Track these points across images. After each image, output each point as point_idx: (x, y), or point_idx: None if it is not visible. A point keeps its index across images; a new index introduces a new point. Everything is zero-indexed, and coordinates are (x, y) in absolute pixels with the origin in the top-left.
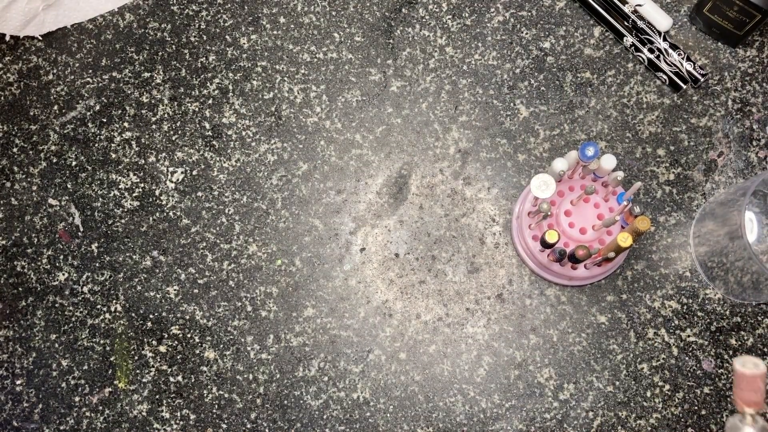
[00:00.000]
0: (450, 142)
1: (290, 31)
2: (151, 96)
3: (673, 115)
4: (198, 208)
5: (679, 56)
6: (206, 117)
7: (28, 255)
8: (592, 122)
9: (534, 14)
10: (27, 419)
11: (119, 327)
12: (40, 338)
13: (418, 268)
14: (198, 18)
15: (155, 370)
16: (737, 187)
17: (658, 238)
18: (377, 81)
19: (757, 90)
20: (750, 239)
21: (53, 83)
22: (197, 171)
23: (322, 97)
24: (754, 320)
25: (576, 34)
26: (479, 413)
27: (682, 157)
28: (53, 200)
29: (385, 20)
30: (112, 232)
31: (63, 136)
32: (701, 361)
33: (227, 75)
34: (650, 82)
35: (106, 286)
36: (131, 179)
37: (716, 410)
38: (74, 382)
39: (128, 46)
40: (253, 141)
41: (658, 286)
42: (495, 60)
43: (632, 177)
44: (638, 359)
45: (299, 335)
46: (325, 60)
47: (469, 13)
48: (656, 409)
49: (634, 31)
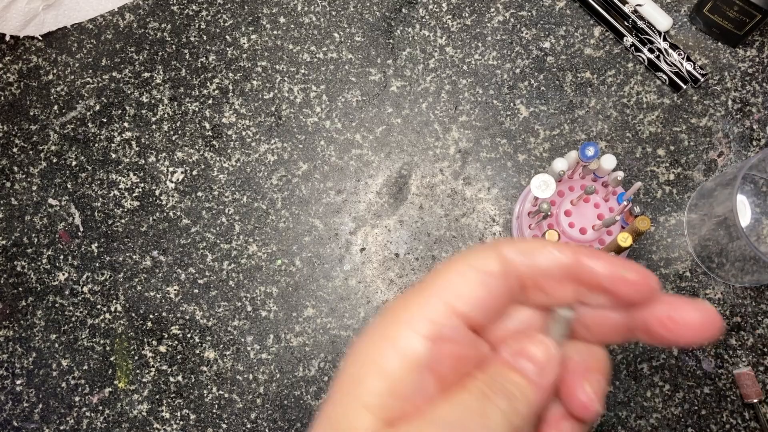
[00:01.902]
0: (450, 142)
1: (290, 31)
2: (151, 96)
3: (673, 115)
4: (198, 208)
5: (679, 56)
6: (206, 117)
7: (28, 255)
8: (592, 122)
9: (534, 14)
10: (27, 419)
11: (119, 327)
12: (40, 338)
13: (419, 268)
14: (198, 18)
15: (155, 370)
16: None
17: (658, 238)
18: (377, 81)
19: (757, 90)
20: (743, 223)
21: (53, 83)
22: (197, 171)
23: (322, 97)
24: (754, 320)
25: (576, 34)
26: None
27: (682, 157)
28: (53, 200)
29: (385, 20)
30: (112, 232)
31: (63, 136)
32: (701, 361)
33: (227, 75)
34: (650, 82)
35: (106, 286)
36: (131, 179)
37: (716, 410)
38: (74, 382)
39: (128, 46)
40: (253, 141)
41: None
42: (495, 60)
43: (632, 177)
44: (638, 359)
45: (299, 335)
46: (325, 60)
47: (469, 13)
48: (656, 409)
49: (634, 31)
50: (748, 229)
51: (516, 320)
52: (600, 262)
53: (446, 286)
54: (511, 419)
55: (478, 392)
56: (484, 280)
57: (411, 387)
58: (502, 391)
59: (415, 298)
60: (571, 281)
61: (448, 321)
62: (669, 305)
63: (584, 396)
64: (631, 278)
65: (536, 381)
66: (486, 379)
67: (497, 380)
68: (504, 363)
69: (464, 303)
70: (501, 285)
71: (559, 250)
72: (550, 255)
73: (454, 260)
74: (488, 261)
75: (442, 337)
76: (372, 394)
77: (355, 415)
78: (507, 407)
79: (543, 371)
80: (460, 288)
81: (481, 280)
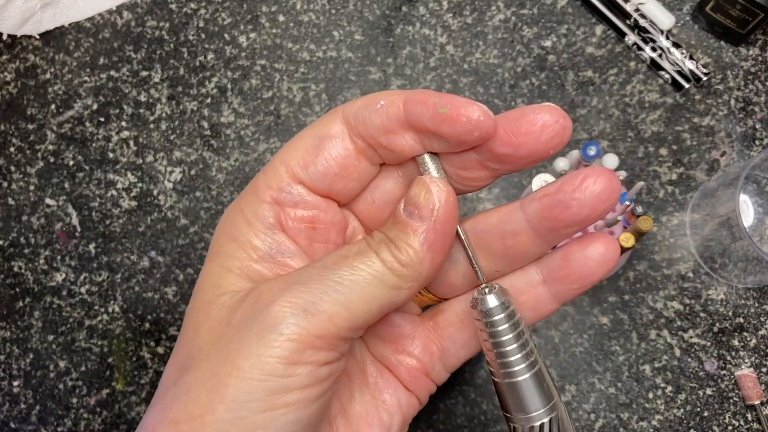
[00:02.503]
0: None
1: (289, 29)
2: (149, 95)
3: (675, 115)
4: (196, 208)
5: (682, 55)
6: (204, 116)
7: (25, 255)
8: (594, 121)
9: (535, 12)
10: (24, 421)
11: (117, 328)
12: (37, 339)
13: None
14: (196, 16)
15: (153, 371)
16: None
17: (661, 239)
18: (377, 80)
19: (759, 89)
20: (746, 223)
21: (50, 82)
22: (195, 171)
23: (321, 96)
24: (756, 321)
25: (578, 32)
26: (480, 415)
27: (684, 156)
28: (50, 200)
29: (385, 18)
30: (109, 232)
31: (60, 136)
32: (704, 363)
33: (226, 74)
34: (652, 81)
35: (103, 286)
36: (129, 179)
37: (719, 412)
38: (72, 383)
39: (126, 44)
40: (252, 140)
41: (660, 286)
42: (496, 59)
43: (634, 177)
44: (640, 360)
45: None
46: (325, 58)
47: (470, 11)
48: (658, 410)
49: (636, 30)
50: (750, 229)
51: (379, 191)
52: (421, 106)
53: (288, 153)
54: (392, 266)
55: (361, 244)
56: (320, 144)
57: (266, 249)
58: (383, 241)
59: (263, 169)
60: (408, 130)
61: (287, 186)
62: (503, 119)
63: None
64: (448, 114)
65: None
66: (367, 237)
67: (380, 236)
68: (394, 219)
69: (301, 168)
70: (342, 147)
71: (387, 100)
72: (381, 110)
73: (303, 129)
74: (329, 126)
75: (282, 201)
76: (231, 258)
77: (217, 275)
78: (387, 255)
79: (437, 210)
80: (299, 153)
81: (316, 145)
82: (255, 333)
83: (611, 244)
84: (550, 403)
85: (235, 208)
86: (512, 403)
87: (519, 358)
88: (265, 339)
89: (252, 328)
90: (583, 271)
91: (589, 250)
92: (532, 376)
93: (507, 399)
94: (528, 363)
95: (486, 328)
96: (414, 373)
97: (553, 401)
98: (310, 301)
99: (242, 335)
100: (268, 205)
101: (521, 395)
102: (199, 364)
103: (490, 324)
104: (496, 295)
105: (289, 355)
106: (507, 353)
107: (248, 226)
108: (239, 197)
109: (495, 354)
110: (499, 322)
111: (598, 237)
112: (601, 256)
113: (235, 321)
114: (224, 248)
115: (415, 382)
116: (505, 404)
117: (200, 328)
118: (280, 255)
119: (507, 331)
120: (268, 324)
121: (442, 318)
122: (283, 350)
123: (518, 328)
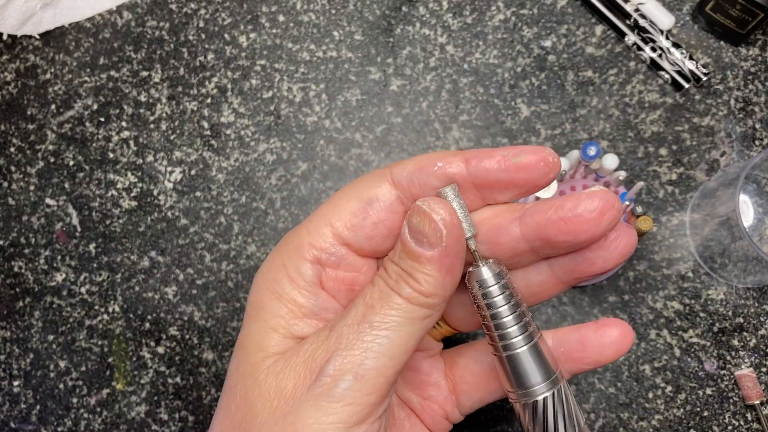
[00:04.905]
0: (451, 142)
1: (289, 29)
2: (149, 95)
3: (675, 115)
4: (196, 208)
5: (682, 55)
6: (205, 116)
7: (26, 255)
8: (594, 121)
9: (535, 12)
10: (24, 421)
11: (117, 328)
12: (37, 339)
13: None
14: (196, 16)
15: (153, 371)
16: (729, 172)
17: (660, 239)
18: (377, 80)
19: (759, 89)
20: (745, 223)
21: (51, 82)
22: (195, 171)
23: (321, 96)
24: (756, 321)
25: (578, 32)
26: (479, 414)
27: (684, 156)
28: (51, 200)
29: (385, 18)
30: (109, 232)
31: (60, 136)
32: (703, 363)
33: (226, 74)
34: (652, 81)
35: (103, 286)
36: (129, 179)
37: (719, 412)
38: (72, 383)
39: (126, 44)
40: (252, 140)
41: (660, 286)
42: (496, 59)
43: (634, 177)
44: (640, 360)
45: None
46: (325, 59)
47: (470, 11)
48: (658, 410)
49: (636, 30)
50: (750, 229)
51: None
52: (488, 161)
53: (333, 212)
54: (418, 301)
55: (380, 284)
56: (368, 207)
57: (310, 306)
58: (400, 275)
59: (305, 224)
60: (471, 187)
61: (331, 246)
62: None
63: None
64: (525, 162)
65: (438, 255)
66: (383, 273)
67: (394, 269)
68: (404, 249)
69: (347, 230)
70: (390, 211)
71: (447, 163)
72: (439, 172)
73: (346, 187)
74: (376, 188)
75: (324, 262)
76: (276, 316)
77: (261, 335)
78: (410, 292)
79: (446, 233)
80: (345, 215)
81: (363, 207)
82: (311, 404)
83: (626, 331)
84: (550, 377)
85: (276, 264)
86: (513, 377)
87: (516, 328)
88: (322, 408)
89: (308, 399)
90: (599, 357)
91: (605, 335)
92: (530, 348)
93: (508, 374)
94: (526, 334)
95: (482, 299)
96: (437, 418)
97: (554, 376)
98: (357, 364)
99: (298, 406)
100: (310, 264)
101: (521, 369)
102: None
103: (486, 295)
104: (491, 267)
105: (348, 418)
106: (503, 324)
107: (291, 283)
108: (278, 251)
109: (493, 326)
110: (494, 292)
111: (614, 323)
112: (616, 341)
113: (287, 392)
114: (268, 305)
115: (436, 425)
116: (507, 381)
117: (249, 394)
118: (324, 312)
119: (502, 300)
120: (323, 394)
121: (459, 364)
122: (342, 414)
123: (514, 299)
